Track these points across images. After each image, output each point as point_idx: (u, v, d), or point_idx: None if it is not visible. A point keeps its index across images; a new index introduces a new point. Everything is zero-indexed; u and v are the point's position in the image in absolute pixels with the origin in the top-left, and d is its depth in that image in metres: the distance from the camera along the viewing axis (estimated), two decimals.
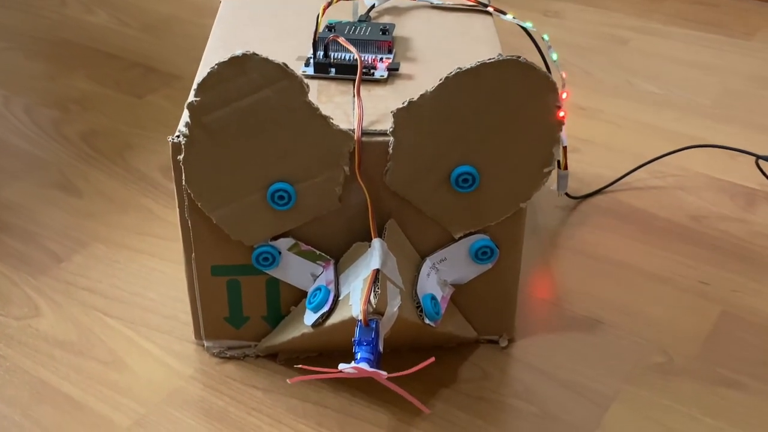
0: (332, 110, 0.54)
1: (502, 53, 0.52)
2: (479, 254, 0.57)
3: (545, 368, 0.60)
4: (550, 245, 0.72)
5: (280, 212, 0.54)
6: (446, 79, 0.51)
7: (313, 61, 0.59)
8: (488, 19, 0.66)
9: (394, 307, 0.51)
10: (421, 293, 0.55)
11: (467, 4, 0.67)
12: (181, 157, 0.53)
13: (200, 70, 0.59)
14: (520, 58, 0.50)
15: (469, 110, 0.52)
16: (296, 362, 0.60)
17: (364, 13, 0.65)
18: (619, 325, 0.63)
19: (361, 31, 0.61)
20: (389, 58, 0.60)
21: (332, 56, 0.59)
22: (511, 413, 0.56)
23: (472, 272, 0.58)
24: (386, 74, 0.59)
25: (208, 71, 0.50)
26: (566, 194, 0.76)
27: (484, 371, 0.60)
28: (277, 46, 0.61)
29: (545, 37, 0.68)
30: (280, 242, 0.56)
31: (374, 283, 0.51)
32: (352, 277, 0.54)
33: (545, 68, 0.67)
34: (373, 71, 0.59)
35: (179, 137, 0.53)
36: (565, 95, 0.61)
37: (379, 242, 0.53)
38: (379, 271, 0.51)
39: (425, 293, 0.55)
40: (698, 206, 0.76)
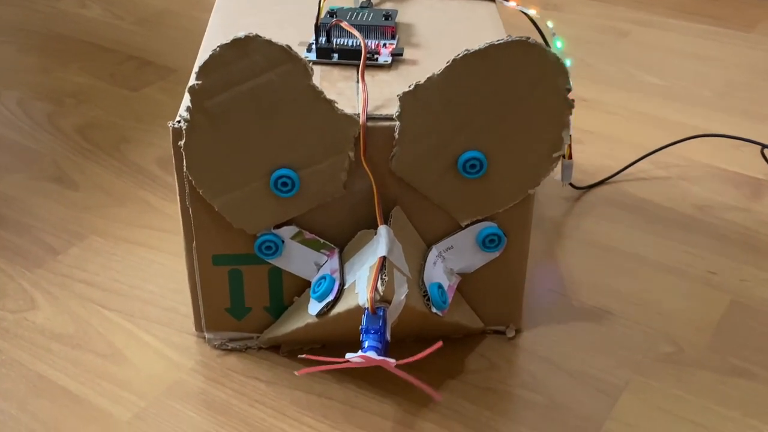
0: (335, 96, 0.52)
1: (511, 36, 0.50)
2: (486, 242, 0.56)
3: (553, 358, 0.59)
4: (555, 236, 0.71)
5: (283, 199, 0.53)
6: (454, 61, 0.50)
7: (315, 46, 0.58)
8: (491, 5, 0.65)
9: (401, 295, 0.50)
10: (428, 282, 0.54)
11: None
12: (182, 142, 0.51)
13: (200, 55, 0.58)
14: (529, 39, 0.49)
15: (476, 93, 0.51)
16: (299, 354, 0.58)
17: None
18: (627, 315, 0.62)
19: (363, 16, 0.60)
20: (392, 43, 0.59)
21: (335, 42, 0.58)
22: (519, 404, 0.55)
23: (479, 261, 0.57)
24: (390, 59, 0.58)
25: (209, 53, 0.49)
26: (570, 184, 0.75)
27: (491, 362, 0.58)
28: (277, 32, 0.60)
29: (549, 24, 0.67)
30: (283, 230, 0.55)
31: (381, 270, 0.50)
32: (357, 265, 0.53)
33: None
34: (376, 56, 0.57)
35: (180, 122, 0.51)
36: None
37: (385, 229, 0.52)
38: (385, 258, 0.50)
39: (432, 282, 0.54)
40: (703, 196, 0.75)
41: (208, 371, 0.58)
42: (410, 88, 0.51)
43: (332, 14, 0.60)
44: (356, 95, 0.54)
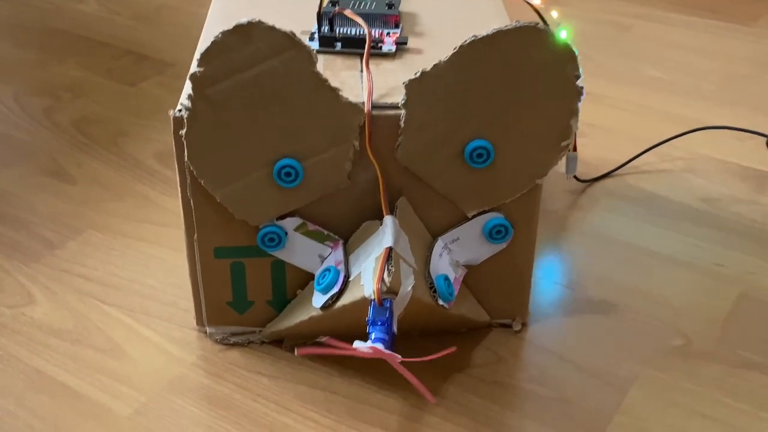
0: (338, 86, 0.51)
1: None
2: (493, 233, 0.55)
3: (561, 352, 0.58)
4: (560, 228, 0.70)
5: (286, 190, 0.52)
6: (461, 47, 0.49)
7: (317, 35, 0.57)
8: None
9: (408, 286, 0.49)
10: (434, 274, 0.53)
11: None
12: (183, 131, 0.50)
13: (200, 45, 0.57)
14: (538, 24, 0.48)
15: (484, 80, 0.50)
16: (302, 347, 0.57)
17: None
18: (634, 308, 0.61)
19: (366, 5, 0.59)
20: (396, 32, 0.58)
21: (338, 31, 0.57)
22: (527, 398, 0.54)
23: (485, 252, 0.56)
24: (394, 48, 0.57)
25: (211, 40, 0.48)
26: (575, 177, 0.74)
27: (497, 355, 0.57)
28: (278, 22, 0.59)
29: (554, 14, 0.66)
30: (286, 222, 0.54)
31: (387, 261, 0.49)
32: (362, 256, 0.52)
33: None
34: (380, 45, 0.56)
35: (181, 111, 0.50)
36: None
37: (391, 219, 0.51)
38: (392, 249, 0.49)
39: (438, 274, 0.53)
40: (709, 189, 0.75)
41: (209, 366, 0.56)
42: (416, 75, 0.50)
43: (334, 3, 0.59)
44: (360, 84, 0.53)
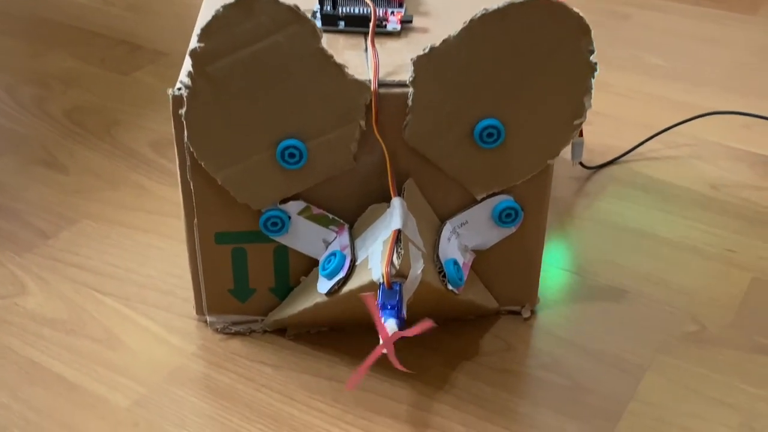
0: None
1: None
2: (503, 217, 0.53)
3: (572, 339, 0.56)
4: (567, 215, 0.68)
5: (290, 172, 0.50)
6: (471, 21, 0.47)
7: (320, 14, 0.55)
8: None
9: (417, 269, 0.47)
10: (443, 258, 0.51)
11: None
12: (182, 111, 0.48)
13: (199, 21, 0.55)
14: None
15: (495, 56, 0.48)
16: (306, 337, 0.56)
17: None
18: (646, 294, 0.60)
19: None
20: (401, 11, 0.56)
21: (340, 9, 0.55)
22: (539, 385, 0.53)
23: (494, 236, 0.54)
24: (399, 27, 0.55)
25: (212, 14, 0.46)
26: (580, 164, 0.72)
27: (507, 343, 0.56)
28: None
29: None
30: (289, 206, 0.52)
31: (396, 243, 0.47)
32: (369, 240, 0.50)
33: None
34: (385, 24, 0.55)
35: (180, 89, 0.48)
36: None
37: (399, 201, 0.49)
38: (400, 231, 0.47)
39: (447, 258, 0.51)
40: (717, 175, 0.73)
41: (210, 356, 0.55)
42: (425, 51, 0.48)
43: None
44: (365, 63, 0.51)
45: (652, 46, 0.97)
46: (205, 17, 0.55)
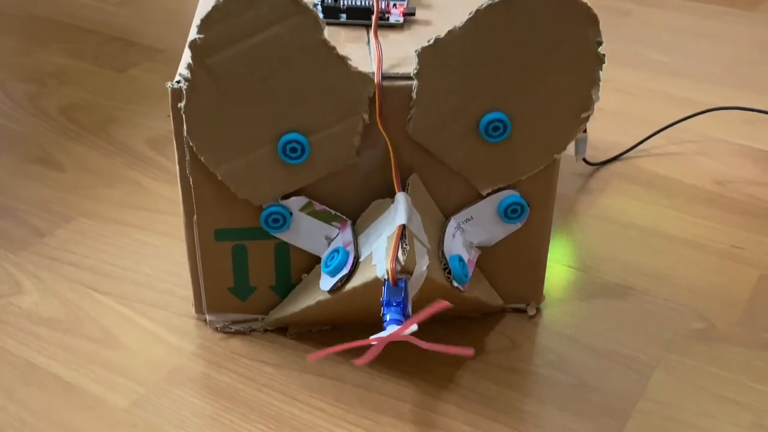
0: None
1: None
2: (508, 212, 0.52)
3: (578, 337, 0.55)
4: (570, 212, 0.67)
5: (292, 167, 0.49)
6: (476, 12, 0.46)
7: (321, 6, 0.54)
8: None
9: (422, 266, 0.46)
10: (448, 254, 0.50)
11: None
12: (181, 104, 0.47)
13: (198, 12, 0.54)
14: None
15: (501, 48, 0.47)
16: (308, 336, 0.55)
17: None
18: (652, 291, 0.59)
19: None
20: (403, 3, 0.55)
21: (342, 1, 0.54)
22: (545, 384, 0.52)
23: (500, 232, 0.53)
24: (402, 20, 0.54)
25: (212, 5, 0.45)
26: (584, 160, 0.72)
27: (513, 341, 0.55)
28: None
29: None
30: (291, 201, 0.51)
31: (401, 239, 0.46)
32: (373, 236, 0.49)
33: None
34: (387, 16, 0.54)
35: (179, 82, 0.47)
36: None
37: (403, 196, 0.48)
38: (405, 227, 0.46)
39: (452, 254, 0.50)
40: (722, 171, 0.72)
41: (210, 355, 0.53)
42: (429, 42, 0.47)
43: None
44: (368, 56, 0.50)
45: (653, 42, 0.96)
46: (204, 8, 0.54)
